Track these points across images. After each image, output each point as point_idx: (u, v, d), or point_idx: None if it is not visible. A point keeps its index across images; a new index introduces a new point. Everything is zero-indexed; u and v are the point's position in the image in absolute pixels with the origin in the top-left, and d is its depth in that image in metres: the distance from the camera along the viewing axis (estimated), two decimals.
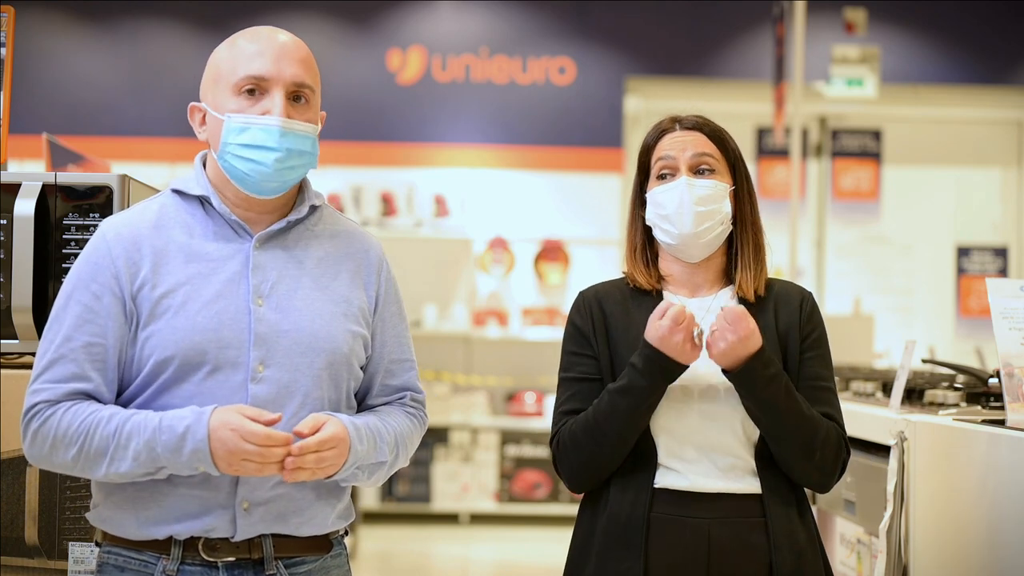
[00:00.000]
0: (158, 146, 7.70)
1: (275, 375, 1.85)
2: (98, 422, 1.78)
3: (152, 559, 1.85)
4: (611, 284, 2.21)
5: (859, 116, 8.40)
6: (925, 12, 8.18)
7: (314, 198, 1.99)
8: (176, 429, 1.76)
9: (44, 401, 1.81)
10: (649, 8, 8.06)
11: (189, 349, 1.82)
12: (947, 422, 2.47)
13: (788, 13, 6.53)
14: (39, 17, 7.82)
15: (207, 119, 1.94)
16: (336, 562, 1.97)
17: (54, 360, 1.83)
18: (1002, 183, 8.58)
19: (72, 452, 1.79)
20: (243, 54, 1.90)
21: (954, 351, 7.54)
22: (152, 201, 1.96)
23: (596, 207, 7.97)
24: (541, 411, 7.72)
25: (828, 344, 2.16)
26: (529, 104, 8.02)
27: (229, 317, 1.85)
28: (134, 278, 1.85)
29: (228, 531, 1.84)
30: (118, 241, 1.87)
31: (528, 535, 7.32)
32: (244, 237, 1.91)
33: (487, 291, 7.95)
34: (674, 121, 2.18)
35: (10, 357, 2.28)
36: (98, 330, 1.83)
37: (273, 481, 1.85)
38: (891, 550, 2.50)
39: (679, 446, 2.05)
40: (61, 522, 2.18)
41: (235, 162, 1.88)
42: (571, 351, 2.15)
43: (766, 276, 2.16)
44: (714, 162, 2.12)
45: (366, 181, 7.74)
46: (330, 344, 1.90)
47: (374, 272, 2.03)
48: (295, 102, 1.90)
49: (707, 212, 2.08)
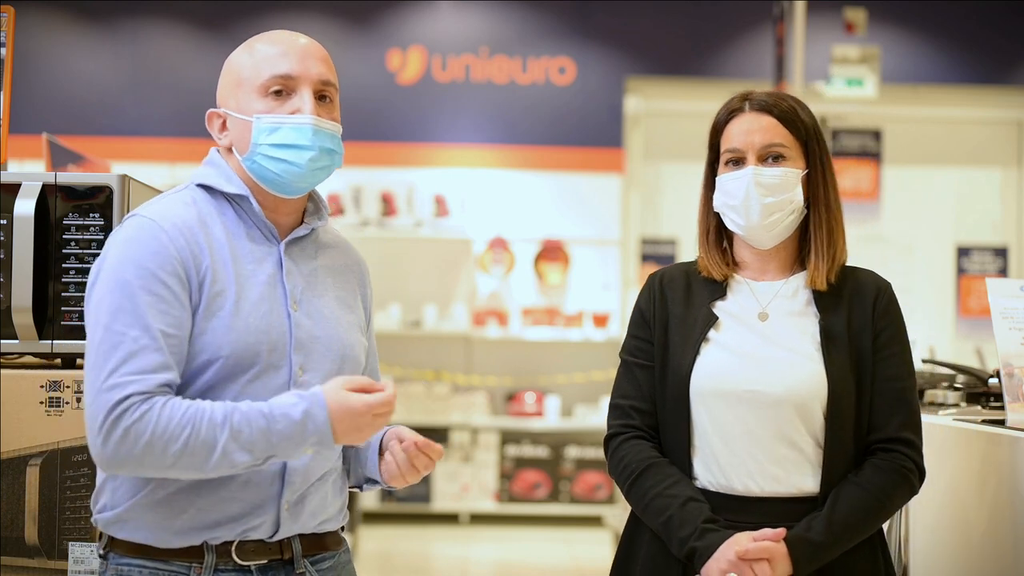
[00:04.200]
0: (158, 146, 7.69)
1: (313, 380, 1.84)
2: (202, 414, 1.70)
3: (183, 569, 1.79)
4: (679, 268, 2.17)
5: (859, 116, 8.40)
6: (925, 12, 8.17)
7: (325, 206, 2.00)
8: (292, 416, 1.71)
9: (137, 393, 1.68)
10: (649, 8, 8.06)
11: (243, 349, 1.79)
12: (947, 422, 2.46)
13: (788, 13, 6.53)
14: (39, 17, 7.81)
15: (229, 123, 1.89)
16: (346, 557, 2.00)
17: (134, 351, 1.70)
18: (1002, 183, 8.57)
19: (176, 447, 1.67)
20: (266, 56, 1.87)
21: (954, 351, 7.54)
22: (180, 195, 1.88)
23: (596, 207, 7.97)
24: (541, 411, 7.72)
25: (906, 339, 2.07)
26: (529, 104, 8.02)
27: (275, 320, 1.83)
28: (199, 268, 1.79)
29: (269, 531, 1.83)
30: (177, 231, 1.79)
31: (528, 535, 7.32)
32: (272, 241, 1.89)
33: (487, 291, 7.95)
34: (744, 99, 2.09)
35: (10, 357, 2.28)
36: (173, 320, 1.74)
37: (313, 478, 1.87)
38: (891, 550, 2.50)
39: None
40: (61, 522, 2.18)
41: (266, 163, 1.84)
42: (632, 334, 2.14)
43: (841, 263, 2.08)
44: (784, 148, 2.04)
45: (366, 181, 7.74)
46: (352, 352, 1.92)
47: (367, 283, 2.06)
48: (321, 101, 1.88)
49: (776, 203, 2.02)
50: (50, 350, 2.22)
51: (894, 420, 2.01)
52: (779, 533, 1.93)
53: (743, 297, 2.09)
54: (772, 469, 1.99)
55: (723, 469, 2.01)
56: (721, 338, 2.05)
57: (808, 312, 2.06)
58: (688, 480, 2.03)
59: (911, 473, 2.00)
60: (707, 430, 2.03)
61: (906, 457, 2.00)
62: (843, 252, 2.09)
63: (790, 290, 2.08)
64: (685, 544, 1.96)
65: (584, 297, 7.94)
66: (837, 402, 1.99)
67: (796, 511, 1.98)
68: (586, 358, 7.84)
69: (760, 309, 2.06)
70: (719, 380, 2.02)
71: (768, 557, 1.91)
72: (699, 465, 2.04)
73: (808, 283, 2.07)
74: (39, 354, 2.24)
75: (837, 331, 2.02)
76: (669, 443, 2.07)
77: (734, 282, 2.11)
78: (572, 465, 7.66)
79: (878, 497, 1.97)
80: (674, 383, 2.05)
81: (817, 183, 2.07)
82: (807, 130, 2.07)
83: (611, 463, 2.11)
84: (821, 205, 2.07)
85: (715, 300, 2.09)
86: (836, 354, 2.01)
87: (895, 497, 2.00)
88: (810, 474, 2.00)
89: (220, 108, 1.91)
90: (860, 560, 2.01)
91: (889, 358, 2.03)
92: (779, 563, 1.92)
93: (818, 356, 2.01)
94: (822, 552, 1.94)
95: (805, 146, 2.07)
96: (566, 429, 7.72)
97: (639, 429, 2.09)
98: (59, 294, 2.21)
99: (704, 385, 2.02)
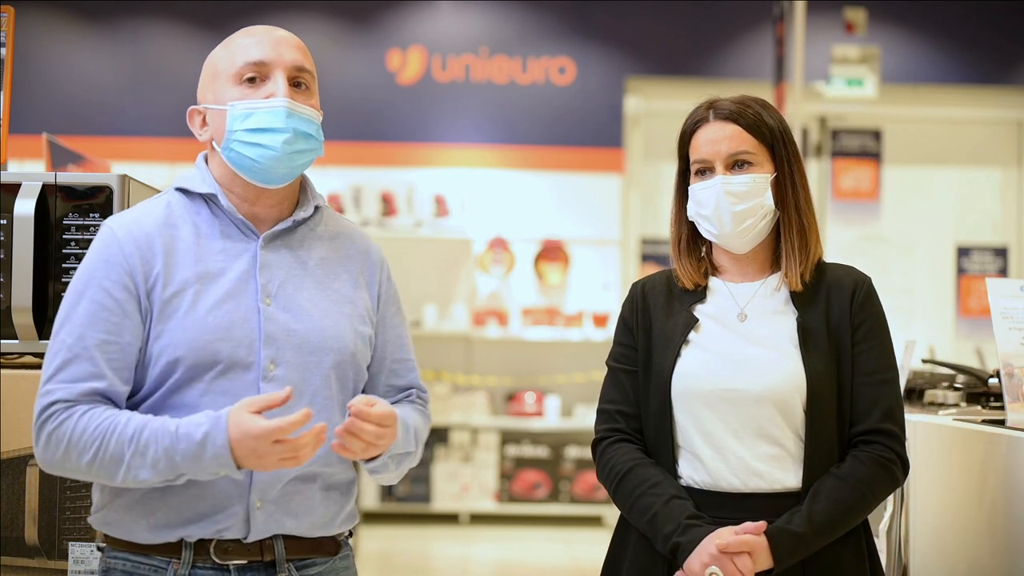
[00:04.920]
0: (158, 146, 7.70)
1: (286, 374, 1.84)
2: (114, 427, 1.74)
3: (162, 563, 1.83)
4: (662, 275, 2.19)
5: (859, 116, 8.40)
6: (925, 12, 8.17)
7: (317, 198, 1.99)
8: (194, 437, 1.72)
9: (59, 401, 1.76)
10: (649, 8, 8.06)
11: (200, 349, 1.80)
12: (947, 422, 2.46)
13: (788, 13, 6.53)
14: (39, 17, 7.81)
15: (208, 117, 1.92)
16: (344, 564, 1.97)
17: (68, 360, 1.78)
18: (1002, 183, 8.57)
19: (87, 457, 1.74)
20: (240, 47, 1.91)
21: (954, 351, 7.54)
22: (157, 200, 1.94)
23: (596, 207, 7.97)
24: (541, 411, 7.72)
25: (886, 332, 2.07)
26: (529, 104, 8.02)
27: (240, 316, 1.84)
28: (148, 275, 1.83)
29: (241, 531, 1.83)
30: (129, 238, 1.84)
31: (528, 535, 7.32)
32: (250, 237, 1.90)
33: (487, 291, 7.95)
34: (709, 108, 2.11)
35: (10, 357, 2.28)
36: (112, 327, 1.80)
37: (286, 479, 1.85)
38: (891, 550, 2.50)
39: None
40: (61, 522, 2.18)
41: (242, 149, 1.86)
42: (617, 341, 2.17)
43: (815, 261, 2.09)
44: (751, 155, 2.06)
45: (366, 181, 7.74)
46: (338, 343, 1.90)
47: (375, 272, 2.03)
48: (296, 88, 1.90)
49: (747, 209, 2.04)
50: None
51: (875, 412, 2.02)
52: (759, 526, 1.95)
53: (722, 299, 2.12)
54: (755, 465, 2.01)
55: (707, 467, 2.03)
56: (701, 339, 2.08)
57: (786, 310, 2.08)
58: (672, 479, 2.05)
59: (893, 464, 2.01)
60: (689, 429, 2.05)
61: (887, 448, 2.01)
62: (817, 250, 2.10)
63: (768, 290, 2.10)
64: (669, 540, 1.98)
65: (584, 297, 7.94)
66: (817, 397, 2.00)
67: (780, 507, 1.99)
68: (586, 358, 7.84)
69: (739, 310, 2.08)
70: (699, 380, 2.04)
71: (749, 550, 1.93)
72: (684, 464, 2.06)
73: (783, 282, 2.09)
74: (39, 354, 2.24)
75: (815, 327, 2.03)
76: (654, 444, 2.09)
77: (713, 285, 2.13)
78: (572, 465, 7.66)
79: (858, 489, 1.98)
80: (656, 385, 2.07)
81: (786, 186, 2.08)
82: (773, 134, 2.08)
83: (598, 467, 2.14)
84: (791, 207, 2.08)
85: (695, 303, 2.12)
86: (814, 349, 2.02)
87: (876, 489, 2.01)
88: (792, 470, 2.01)
89: (200, 104, 1.94)
90: (844, 552, 2.01)
91: (868, 351, 2.04)
92: (760, 556, 1.93)
93: (796, 353, 2.03)
94: (803, 544, 1.95)
95: (772, 150, 2.08)
96: (566, 429, 7.72)
97: (624, 432, 2.12)
98: (59, 294, 2.21)
99: (685, 385, 2.05)
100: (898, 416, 2.05)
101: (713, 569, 1.92)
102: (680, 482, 2.05)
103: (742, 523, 1.97)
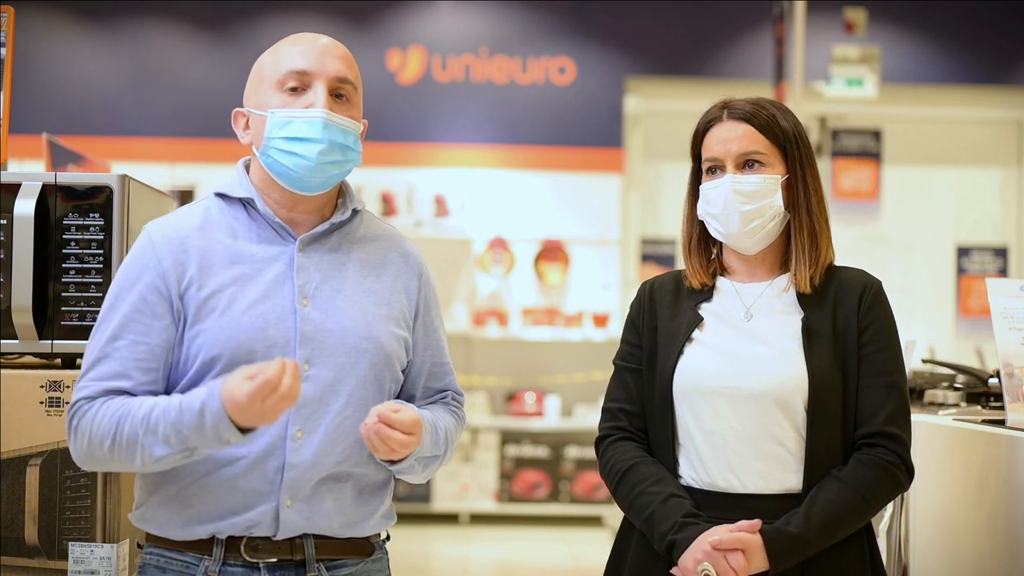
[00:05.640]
0: (158, 146, 7.69)
1: (321, 374, 1.87)
2: (128, 411, 1.79)
3: (195, 560, 1.86)
4: (671, 275, 2.20)
5: (859, 116, 8.40)
6: (925, 12, 8.17)
7: (356, 202, 2.01)
8: (194, 407, 1.75)
9: (83, 398, 1.83)
10: (649, 8, 8.06)
11: (236, 348, 1.83)
12: (947, 422, 2.47)
13: (788, 13, 6.53)
14: (39, 17, 7.81)
15: (251, 121, 1.95)
16: (377, 566, 1.98)
17: (98, 359, 1.85)
18: (1002, 183, 8.57)
19: (108, 443, 1.80)
20: (286, 54, 1.93)
21: (954, 351, 7.54)
22: (196, 205, 1.97)
23: (596, 207, 7.97)
24: (541, 411, 7.72)
25: (894, 335, 2.06)
26: (529, 104, 8.02)
27: (275, 316, 1.86)
28: (181, 278, 1.86)
29: (270, 528, 1.85)
30: (164, 243, 1.88)
31: (528, 535, 7.32)
32: (287, 239, 1.93)
33: (487, 291, 7.95)
34: (723, 108, 2.10)
35: (10, 357, 2.28)
36: (143, 329, 1.85)
37: (316, 479, 1.86)
38: (891, 550, 2.50)
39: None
40: (61, 522, 2.18)
41: (278, 156, 1.88)
42: (624, 339, 2.18)
43: (826, 264, 2.09)
44: (762, 155, 2.05)
45: (366, 181, 7.74)
46: (374, 344, 1.92)
47: (415, 276, 2.05)
48: (337, 99, 1.92)
49: (755, 210, 2.04)
50: (50, 350, 2.22)
51: (879, 415, 2.00)
52: (754, 524, 1.93)
53: (729, 299, 2.12)
54: (755, 465, 2.00)
55: (706, 466, 2.03)
56: (705, 338, 2.08)
57: (792, 311, 2.07)
58: (672, 477, 2.05)
59: (896, 468, 1.99)
60: (690, 427, 2.04)
61: (890, 451, 1.99)
62: (828, 254, 2.10)
63: (775, 290, 2.09)
64: (665, 538, 1.97)
65: (584, 297, 7.94)
66: (819, 397, 1.99)
67: (780, 508, 1.97)
68: (586, 358, 7.84)
69: (745, 309, 2.08)
70: (699, 377, 2.04)
71: (742, 547, 1.92)
72: (684, 463, 2.06)
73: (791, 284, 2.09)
74: (39, 354, 2.24)
75: (820, 327, 2.02)
76: (655, 442, 2.09)
77: (721, 285, 2.13)
78: (572, 465, 7.66)
79: (859, 491, 1.96)
80: (659, 382, 2.08)
81: (798, 188, 2.08)
82: (786, 136, 2.07)
83: (600, 465, 2.15)
84: (802, 210, 2.08)
85: (701, 302, 2.12)
86: (818, 350, 2.01)
87: (878, 492, 1.98)
88: (794, 471, 2.00)
89: (244, 108, 1.97)
90: (845, 554, 2.00)
91: (875, 353, 2.03)
92: (754, 554, 1.92)
93: (799, 351, 2.02)
94: (800, 546, 1.93)
95: (784, 152, 2.07)
96: (566, 429, 7.72)
97: (626, 431, 2.12)
98: (59, 294, 2.21)
99: (686, 383, 2.05)
100: (904, 420, 2.02)
101: (705, 566, 1.91)
102: (680, 482, 2.05)
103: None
